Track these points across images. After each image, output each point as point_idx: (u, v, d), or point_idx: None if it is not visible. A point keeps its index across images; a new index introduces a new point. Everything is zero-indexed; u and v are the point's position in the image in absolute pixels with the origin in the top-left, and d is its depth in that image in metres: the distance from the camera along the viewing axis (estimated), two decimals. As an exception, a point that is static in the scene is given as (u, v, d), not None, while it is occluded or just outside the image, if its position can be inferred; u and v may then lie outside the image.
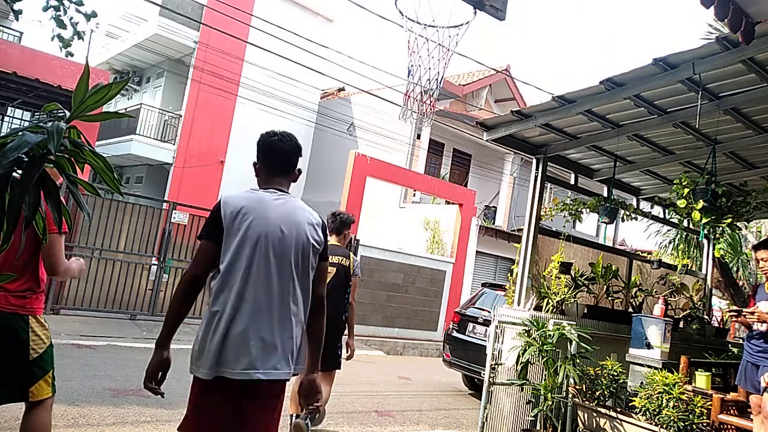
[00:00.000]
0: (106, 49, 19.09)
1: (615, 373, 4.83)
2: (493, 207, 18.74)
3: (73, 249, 8.56)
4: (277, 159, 2.37)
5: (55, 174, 1.88)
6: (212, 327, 2.10)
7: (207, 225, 2.23)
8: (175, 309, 2.16)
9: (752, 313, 4.19)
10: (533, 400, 4.87)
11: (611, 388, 4.75)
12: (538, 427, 4.84)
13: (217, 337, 2.08)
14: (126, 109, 17.76)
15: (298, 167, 2.43)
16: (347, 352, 4.42)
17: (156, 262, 9.34)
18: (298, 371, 2.29)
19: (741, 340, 9.74)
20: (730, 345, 7.31)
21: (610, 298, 6.35)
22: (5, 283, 2.53)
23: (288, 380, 2.27)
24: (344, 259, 4.40)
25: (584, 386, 4.82)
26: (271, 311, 2.15)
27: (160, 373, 2.13)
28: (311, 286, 2.32)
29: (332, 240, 4.39)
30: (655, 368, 4.74)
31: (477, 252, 14.58)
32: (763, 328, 4.16)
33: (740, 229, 10.49)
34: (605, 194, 6.43)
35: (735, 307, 4.93)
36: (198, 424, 2.14)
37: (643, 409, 4.32)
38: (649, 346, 4.97)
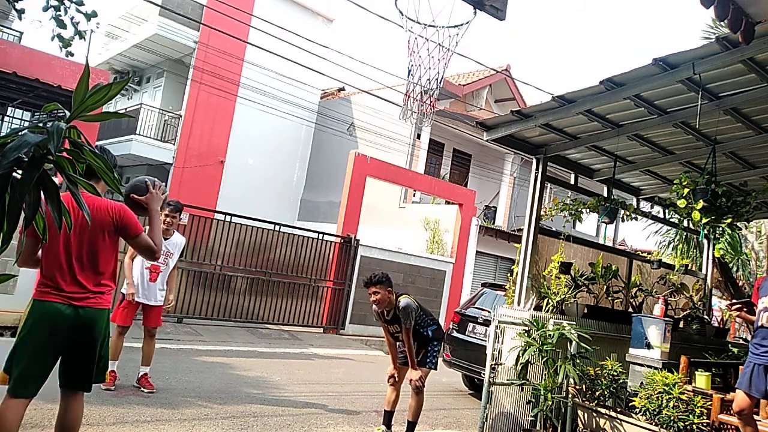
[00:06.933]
0: (106, 49, 19.06)
1: (615, 373, 4.82)
2: (493, 207, 18.74)
3: (73, 249, 8.55)
4: None
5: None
6: None
7: None
8: None
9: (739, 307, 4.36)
10: (533, 400, 4.87)
11: (611, 388, 4.75)
12: (538, 427, 4.84)
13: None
14: (126, 109, 17.74)
15: None
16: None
17: (156, 262, 9.29)
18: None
19: (741, 340, 9.76)
20: (730, 345, 7.31)
21: (610, 298, 6.35)
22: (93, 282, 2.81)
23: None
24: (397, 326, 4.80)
25: (584, 386, 4.82)
26: None
27: None
28: None
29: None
30: (655, 368, 4.73)
31: (477, 252, 14.57)
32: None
33: (740, 229, 10.49)
34: (605, 194, 6.43)
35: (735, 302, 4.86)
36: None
37: (643, 409, 4.33)
38: (649, 346, 4.97)
